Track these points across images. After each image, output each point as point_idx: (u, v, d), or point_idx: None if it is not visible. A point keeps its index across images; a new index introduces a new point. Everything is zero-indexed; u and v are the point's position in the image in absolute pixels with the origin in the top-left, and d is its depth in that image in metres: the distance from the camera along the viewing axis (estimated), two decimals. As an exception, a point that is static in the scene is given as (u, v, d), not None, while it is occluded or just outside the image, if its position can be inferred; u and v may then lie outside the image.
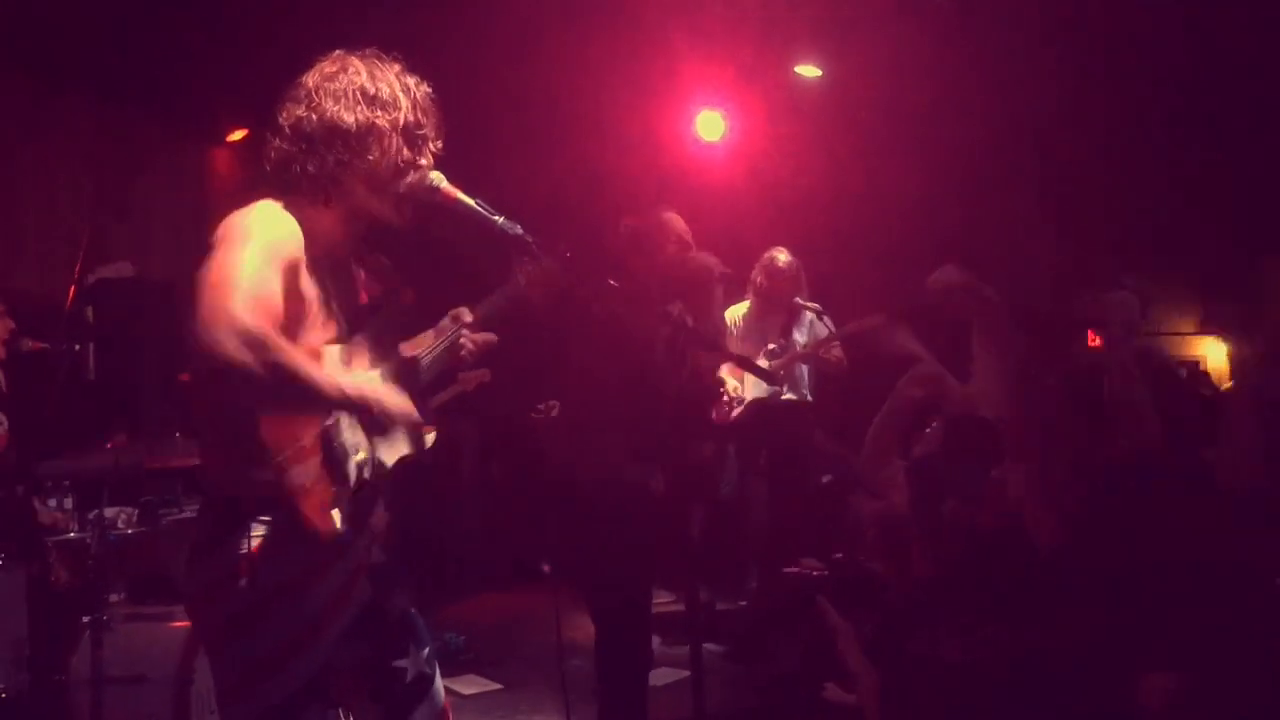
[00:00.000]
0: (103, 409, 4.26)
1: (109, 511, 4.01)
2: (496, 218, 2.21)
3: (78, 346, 4.14)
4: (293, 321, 2.04)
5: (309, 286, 2.10)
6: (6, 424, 4.18)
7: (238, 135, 6.62)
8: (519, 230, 2.22)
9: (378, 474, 2.17)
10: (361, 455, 2.12)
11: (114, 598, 3.92)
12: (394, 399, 2.10)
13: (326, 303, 2.15)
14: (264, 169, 2.15)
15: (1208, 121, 6.30)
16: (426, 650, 2.35)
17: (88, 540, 3.97)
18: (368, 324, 2.24)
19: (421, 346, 2.44)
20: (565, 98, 6.24)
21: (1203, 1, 5.29)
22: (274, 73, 2.26)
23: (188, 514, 4.20)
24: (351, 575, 2.19)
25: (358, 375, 2.13)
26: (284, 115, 2.13)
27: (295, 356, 1.94)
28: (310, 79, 2.14)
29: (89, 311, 4.18)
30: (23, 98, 5.60)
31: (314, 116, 2.10)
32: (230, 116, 6.48)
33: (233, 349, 1.82)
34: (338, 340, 2.16)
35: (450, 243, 4.10)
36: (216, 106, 6.23)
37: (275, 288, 1.98)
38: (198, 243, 2.02)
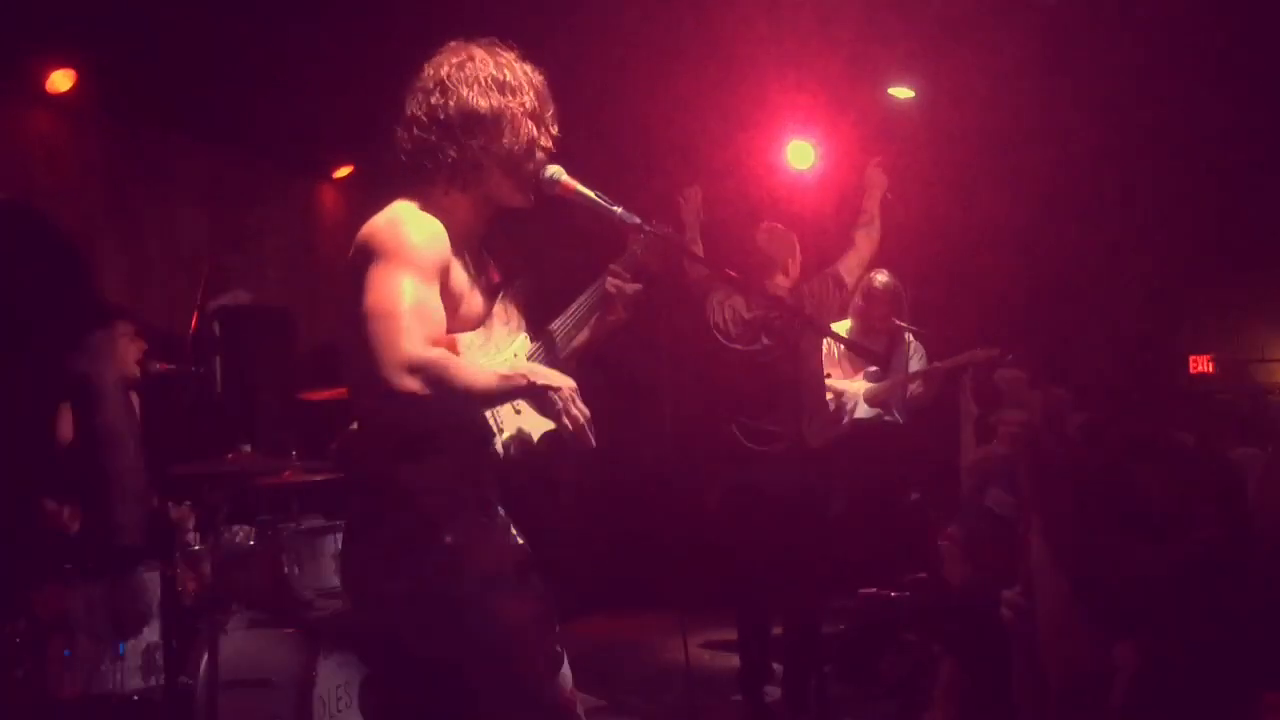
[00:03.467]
0: (226, 423, 4.43)
1: (230, 526, 4.17)
2: (615, 208, 2.28)
3: (200, 369, 4.34)
4: (448, 315, 2.12)
5: (458, 277, 2.17)
6: None
7: (343, 172, 6.92)
8: (637, 220, 2.30)
9: (524, 450, 2.21)
10: (507, 434, 2.17)
11: (235, 606, 4.05)
12: (543, 372, 2.14)
13: (472, 288, 2.23)
14: (399, 161, 2.19)
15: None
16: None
17: (212, 550, 4.13)
18: (501, 301, 2.32)
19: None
20: (656, 128, 6.33)
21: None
22: (375, 115, 2.33)
23: (304, 527, 4.32)
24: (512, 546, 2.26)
25: (504, 361, 2.19)
26: (416, 105, 2.18)
27: (464, 371, 2.02)
28: (440, 69, 2.19)
29: (216, 327, 4.36)
30: (149, 143, 5.92)
31: (450, 103, 2.15)
32: (336, 155, 6.77)
33: (413, 386, 1.93)
34: (481, 321, 2.24)
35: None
36: (323, 146, 6.52)
37: (435, 302, 2.06)
38: (307, 271, 2.10)
